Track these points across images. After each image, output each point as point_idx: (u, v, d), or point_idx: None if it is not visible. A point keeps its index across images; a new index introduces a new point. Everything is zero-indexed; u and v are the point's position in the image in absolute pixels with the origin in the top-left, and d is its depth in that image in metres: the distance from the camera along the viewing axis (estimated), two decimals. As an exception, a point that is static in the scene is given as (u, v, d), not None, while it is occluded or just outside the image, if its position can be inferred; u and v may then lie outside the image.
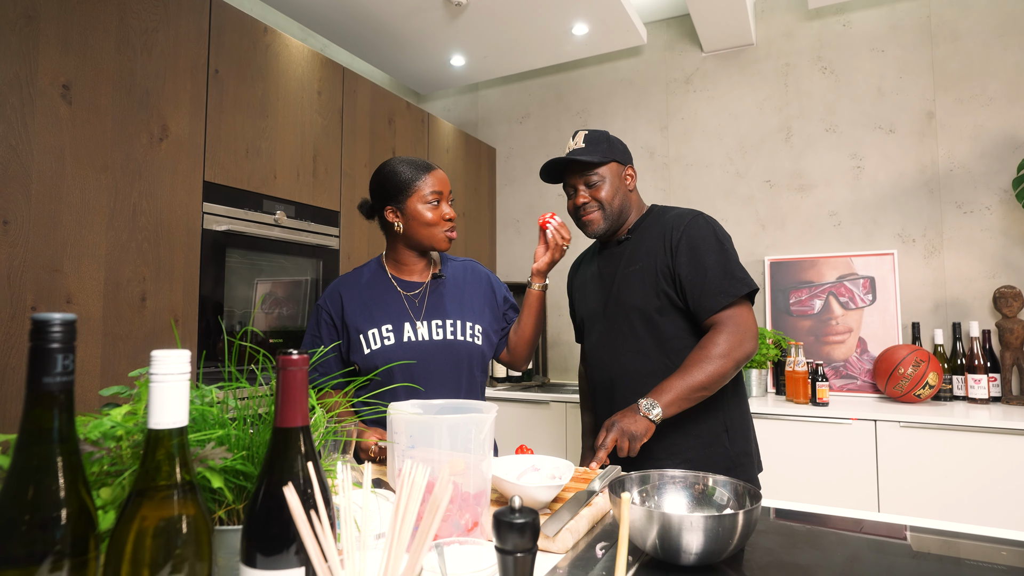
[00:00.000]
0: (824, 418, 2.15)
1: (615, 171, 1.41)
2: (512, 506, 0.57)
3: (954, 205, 2.50)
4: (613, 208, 1.40)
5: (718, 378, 1.25)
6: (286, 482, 0.51)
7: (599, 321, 1.45)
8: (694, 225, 1.35)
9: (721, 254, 1.31)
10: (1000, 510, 1.90)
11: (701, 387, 1.24)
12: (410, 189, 1.35)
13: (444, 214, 1.37)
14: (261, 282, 2.00)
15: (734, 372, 1.28)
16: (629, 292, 1.38)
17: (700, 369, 1.24)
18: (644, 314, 1.35)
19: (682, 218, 1.37)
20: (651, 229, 1.41)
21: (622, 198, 1.42)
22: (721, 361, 1.24)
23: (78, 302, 1.49)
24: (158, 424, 0.48)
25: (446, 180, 1.39)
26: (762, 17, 2.91)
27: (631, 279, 1.39)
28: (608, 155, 1.39)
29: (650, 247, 1.38)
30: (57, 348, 0.46)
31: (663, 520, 0.73)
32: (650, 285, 1.35)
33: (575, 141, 1.42)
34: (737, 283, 1.29)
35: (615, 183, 1.40)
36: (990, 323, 2.39)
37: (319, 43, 2.91)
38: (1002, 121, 2.44)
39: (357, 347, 1.36)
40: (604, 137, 1.42)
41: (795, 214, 2.79)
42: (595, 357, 1.47)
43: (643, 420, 1.20)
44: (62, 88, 1.47)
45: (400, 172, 1.37)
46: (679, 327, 1.35)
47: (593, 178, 1.39)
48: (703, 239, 1.33)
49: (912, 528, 0.92)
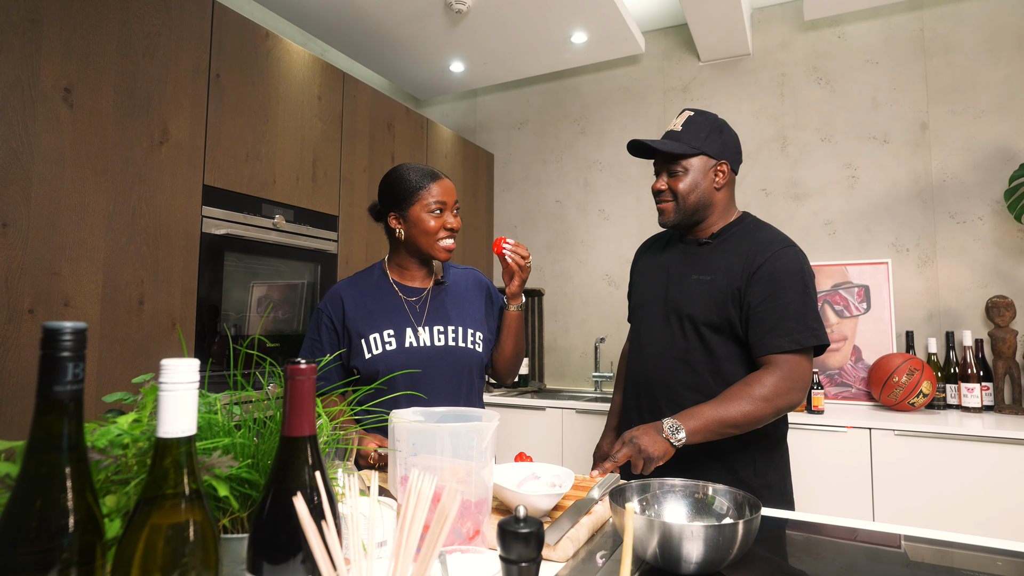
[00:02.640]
0: (820, 426, 2.17)
1: (702, 165, 1.31)
2: (517, 515, 0.57)
3: (947, 215, 2.53)
4: (688, 203, 1.31)
5: (753, 420, 1.17)
6: (294, 491, 0.51)
7: (654, 315, 1.39)
8: (782, 256, 1.25)
9: (802, 296, 1.22)
10: (994, 519, 1.91)
11: (733, 424, 1.17)
12: (414, 197, 1.36)
13: (446, 223, 1.37)
14: (258, 285, 2.00)
15: (772, 419, 1.20)
16: (691, 300, 1.30)
17: (737, 406, 1.17)
18: (699, 327, 1.29)
19: (772, 244, 1.27)
20: (736, 242, 1.32)
21: (701, 195, 1.32)
22: (763, 404, 1.16)
23: (76, 305, 1.48)
24: (167, 433, 0.48)
25: (452, 190, 1.40)
26: (758, 28, 2.94)
27: (697, 288, 1.30)
28: (697, 146, 1.29)
29: (729, 263, 1.29)
30: (68, 356, 0.46)
31: (664, 529, 0.73)
32: (715, 302, 1.27)
33: (676, 121, 1.34)
34: (808, 333, 1.20)
35: (697, 178, 1.31)
36: (983, 332, 2.42)
37: (319, 48, 2.92)
38: (994, 133, 2.47)
39: (358, 351, 1.35)
40: (707, 124, 1.32)
41: (791, 222, 2.81)
42: (640, 349, 1.41)
43: (663, 442, 1.13)
44: (64, 91, 1.46)
45: (406, 179, 1.38)
46: (730, 351, 1.28)
47: (675, 168, 1.31)
48: (787, 275, 1.23)
49: (908, 537, 0.93)
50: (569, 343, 3.28)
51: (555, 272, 3.37)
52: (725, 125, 1.35)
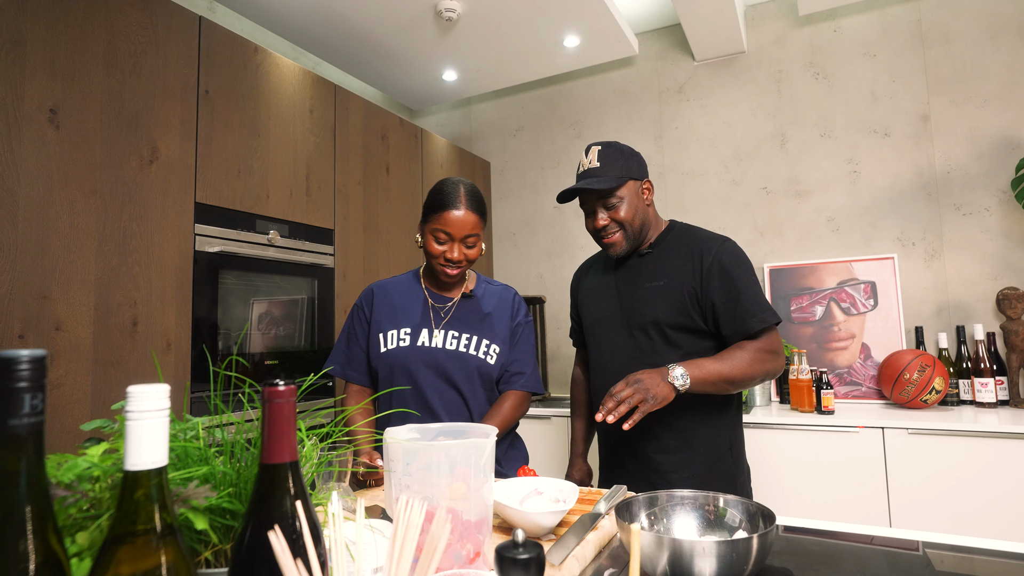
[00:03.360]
0: (830, 426, 2.12)
1: (633, 189, 1.37)
2: (515, 540, 0.54)
3: (953, 207, 2.48)
4: (634, 228, 1.37)
5: (747, 379, 1.25)
6: (272, 522, 0.47)
7: (612, 332, 1.42)
8: (725, 250, 1.33)
9: (753, 282, 1.32)
10: (1015, 519, 1.86)
11: (731, 379, 1.23)
12: (429, 216, 1.40)
13: (445, 253, 1.37)
14: (257, 302, 1.97)
15: (759, 381, 1.29)
16: (651, 307, 1.36)
17: (735, 362, 1.24)
18: (664, 330, 1.34)
19: (713, 242, 1.36)
20: (676, 247, 1.39)
21: (642, 216, 1.38)
22: (757, 365, 1.25)
23: (67, 329, 1.45)
24: (135, 465, 0.45)
25: (464, 224, 1.36)
26: (753, 24, 2.92)
27: (653, 294, 1.36)
28: (625, 173, 1.35)
29: (676, 266, 1.36)
30: (24, 388, 0.43)
31: (674, 546, 0.70)
32: (674, 303, 1.33)
33: (589, 159, 1.38)
34: (769, 312, 1.29)
35: (634, 202, 1.36)
36: (994, 325, 2.37)
37: (311, 62, 2.91)
38: (997, 122, 2.43)
39: (375, 344, 1.43)
40: (619, 153, 1.38)
41: (793, 220, 2.77)
42: (604, 366, 1.43)
43: (667, 386, 1.16)
44: (49, 112, 1.44)
45: (432, 196, 1.40)
46: (698, 346, 1.34)
47: (612, 200, 1.35)
48: (736, 265, 1.32)
49: (928, 544, 0.89)
50: (571, 350, 3.22)
51: (555, 279, 3.33)
52: (631, 148, 1.41)
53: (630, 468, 1.38)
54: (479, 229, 1.39)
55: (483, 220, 1.40)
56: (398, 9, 2.44)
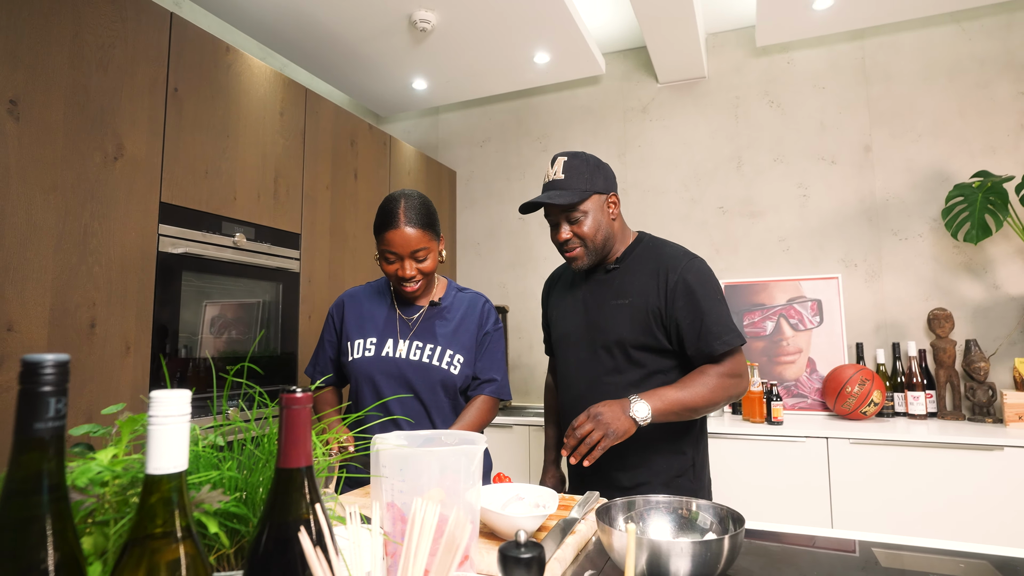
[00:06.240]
0: (779, 436, 2.24)
1: (597, 203, 1.33)
2: (517, 540, 0.57)
3: (891, 232, 2.67)
4: (597, 243, 1.34)
5: (710, 405, 1.24)
6: (291, 525, 0.49)
7: (578, 347, 1.41)
8: (691, 269, 1.31)
9: (718, 303, 1.30)
10: (945, 519, 2.01)
11: (693, 408, 1.23)
12: (377, 237, 1.41)
13: (398, 271, 1.38)
14: (212, 305, 1.93)
15: (723, 406, 1.30)
16: (615, 325, 1.34)
17: (697, 389, 1.23)
18: (628, 349, 1.33)
19: (678, 259, 1.33)
20: (643, 263, 1.37)
21: (606, 231, 1.35)
22: (720, 391, 1.25)
23: (20, 329, 1.39)
24: (157, 469, 0.45)
25: (407, 242, 1.36)
26: (713, 52, 3.06)
27: (618, 312, 1.34)
28: (589, 187, 1.31)
29: (642, 283, 1.34)
30: (50, 392, 0.43)
31: (652, 547, 0.74)
32: (639, 322, 1.32)
33: (554, 170, 1.34)
34: (733, 334, 1.28)
35: (598, 217, 1.33)
36: (925, 343, 2.56)
37: (278, 63, 2.87)
38: (930, 156, 2.64)
39: (345, 353, 1.48)
40: (585, 165, 1.33)
41: (747, 239, 2.91)
42: (571, 382, 1.43)
43: (628, 420, 1.17)
44: (9, 103, 1.39)
45: (377, 217, 1.41)
46: (661, 364, 1.33)
47: (575, 214, 1.31)
48: (701, 285, 1.30)
49: (875, 544, 0.96)
50: (533, 360, 3.29)
51: (518, 289, 3.38)
52: (600, 160, 1.37)
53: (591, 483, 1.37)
54: (427, 241, 1.37)
55: (430, 231, 1.38)
56: (372, 16, 2.45)
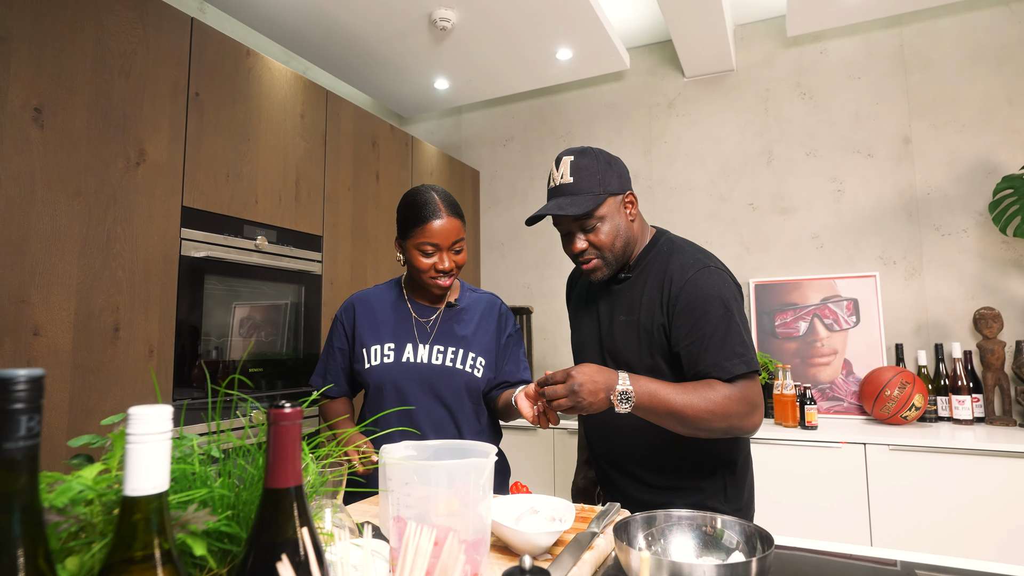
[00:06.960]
0: (814, 442, 2.14)
1: (613, 206, 1.19)
2: (522, 566, 0.53)
3: (932, 228, 2.54)
4: (616, 251, 1.20)
5: (702, 423, 1.06)
6: (278, 549, 0.46)
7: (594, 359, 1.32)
8: (695, 283, 1.15)
9: (723, 321, 1.11)
10: (991, 534, 1.89)
11: (681, 417, 1.06)
12: (410, 231, 1.34)
13: (436, 264, 1.33)
14: (240, 307, 1.94)
15: (721, 434, 1.09)
16: (623, 344, 1.24)
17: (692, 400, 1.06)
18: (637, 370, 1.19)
19: (684, 270, 1.17)
20: (652, 271, 1.23)
21: (625, 236, 1.21)
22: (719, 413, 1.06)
23: (45, 334, 1.41)
24: (135, 491, 0.43)
25: (450, 231, 1.32)
26: (742, 44, 2.97)
27: (627, 331, 1.24)
28: (602, 189, 1.16)
29: (649, 297, 1.21)
30: (21, 409, 0.41)
31: (673, 570, 0.69)
32: (644, 343, 1.20)
33: (560, 172, 1.18)
34: (736, 360, 1.09)
35: (615, 221, 1.19)
36: (971, 344, 2.42)
37: (301, 66, 2.89)
38: (975, 147, 2.50)
39: (359, 360, 1.40)
40: (595, 163, 1.18)
41: (778, 237, 2.81)
42: None
43: (603, 403, 1.05)
44: (33, 111, 1.41)
45: (407, 210, 1.36)
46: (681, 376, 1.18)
47: (590, 222, 1.17)
48: (704, 302, 1.13)
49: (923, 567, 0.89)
50: (558, 361, 3.24)
51: (543, 289, 3.34)
52: (609, 154, 1.23)
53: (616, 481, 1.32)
54: (463, 233, 1.36)
55: (464, 223, 1.37)
56: (392, 17, 2.44)
